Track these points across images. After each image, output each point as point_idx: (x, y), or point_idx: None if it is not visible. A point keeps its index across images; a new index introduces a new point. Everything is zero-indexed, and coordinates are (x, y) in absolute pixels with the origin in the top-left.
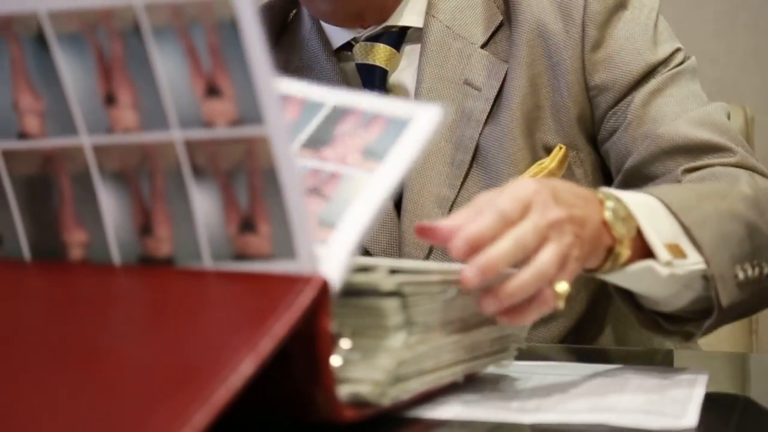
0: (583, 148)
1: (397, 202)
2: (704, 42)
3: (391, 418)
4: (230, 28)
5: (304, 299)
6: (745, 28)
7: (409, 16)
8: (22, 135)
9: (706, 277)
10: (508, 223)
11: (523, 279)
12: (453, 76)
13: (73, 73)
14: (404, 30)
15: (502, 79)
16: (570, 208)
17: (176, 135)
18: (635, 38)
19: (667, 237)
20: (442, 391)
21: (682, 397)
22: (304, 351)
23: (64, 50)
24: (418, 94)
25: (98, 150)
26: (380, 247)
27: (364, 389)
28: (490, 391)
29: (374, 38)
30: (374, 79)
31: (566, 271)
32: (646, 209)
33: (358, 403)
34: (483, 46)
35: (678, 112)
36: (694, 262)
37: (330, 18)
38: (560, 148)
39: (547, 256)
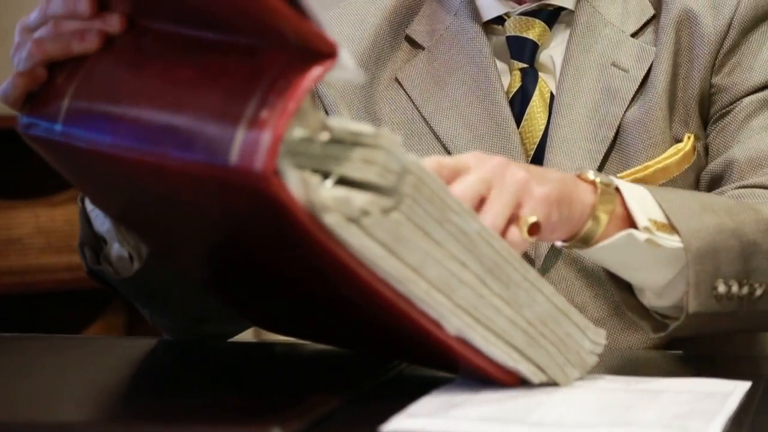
0: (703, 140)
1: None
2: None
3: None
4: None
5: None
6: None
7: None
8: None
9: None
10: None
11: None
12: (601, 59)
13: None
14: (558, 10)
15: (650, 63)
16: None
17: None
18: (766, 50)
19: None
20: (460, 402)
21: (712, 410)
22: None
23: None
24: (565, 73)
25: None
26: None
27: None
28: (509, 403)
29: (528, 14)
30: (524, 52)
31: (529, 204)
32: (636, 193)
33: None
34: (633, 35)
35: None
36: (674, 239)
37: None
38: (689, 137)
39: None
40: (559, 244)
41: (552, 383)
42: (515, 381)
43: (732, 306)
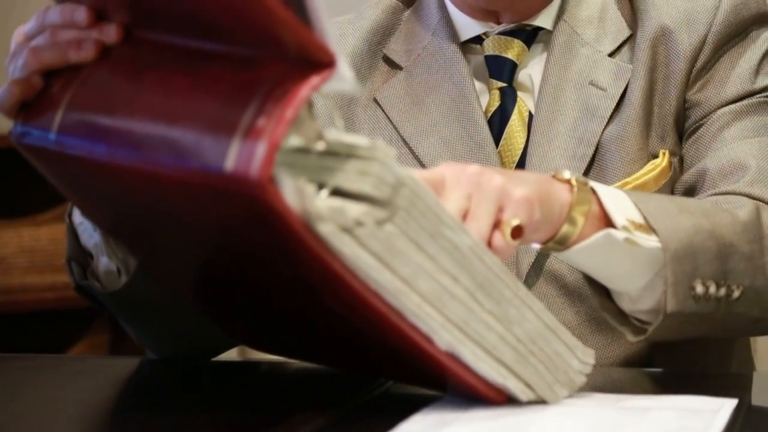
0: (679, 155)
1: None
2: None
3: None
4: None
5: None
6: None
7: (543, 18)
8: None
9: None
10: None
11: None
12: (579, 78)
13: None
14: (536, 30)
15: (627, 81)
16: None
17: None
18: (740, 65)
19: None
20: (451, 420)
21: (700, 428)
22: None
23: None
24: (543, 92)
25: None
26: None
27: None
28: (499, 421)
29: (506, 34)
30: (503, 72)
31: (510, 208)
32: (611, 194)
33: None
34: (610, 55)
35: (746, 136)
36: (651, 239)
37: (470, 10)
38: (664, 153)
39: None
40: (535, 247)
41: (540, 401)
42: (503, 399)
43: (710, 307)
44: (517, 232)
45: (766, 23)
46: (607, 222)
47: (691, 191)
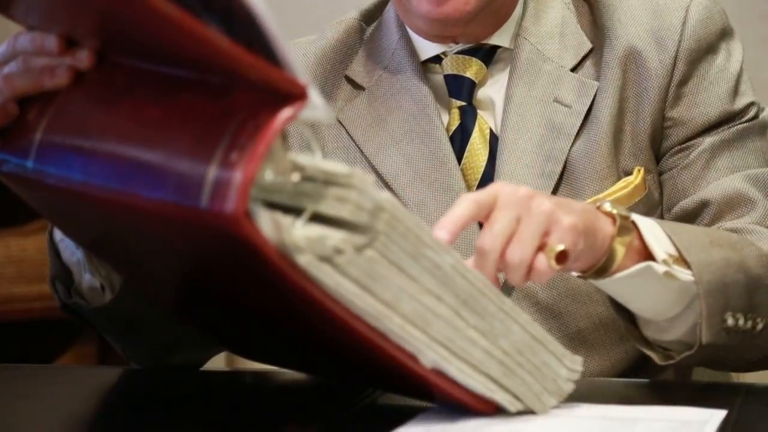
0: (655, 173)
1: None
2: None
3: None
4: None
5: None
6: None
7: (501, 36)
8: None
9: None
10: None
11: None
12: (543, 95)
13: None
14: (494, 49)
15: (592, 97)
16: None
17: None
18: (720, 84)
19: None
20: (438, 431)
21: None
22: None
23: None
24: (507, 110)
25: None
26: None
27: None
28: (487, 431)
29: (464, 53)
30: (462, 91)
31: (556, 233)
32: (650, 226)
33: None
34: (573, 70)
35: (739, 166)
36: (687, 273)
37: (425, 35)
38: (639, 170)
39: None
40: (574, 274)
41: (529, 411)
42: (492, 409)
43: (737, 339)
44: (561, 257)
45: (732, 37)
46: (647, 254)
47: (690, 219)
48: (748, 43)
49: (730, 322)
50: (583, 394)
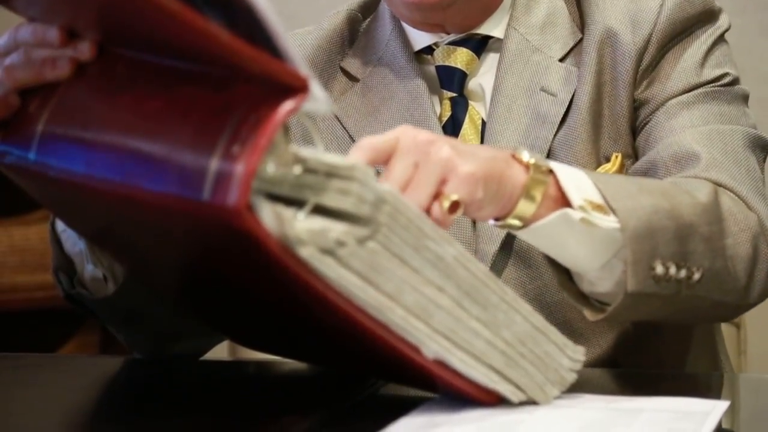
0: (634, 157)
1: None
2: None
3: None
4: None
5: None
6: None
7: (492, 26)
8: None
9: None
10: None
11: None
12: (530, 85)
13: None
14: (486, 39)
15: (575, 84)
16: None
17: None
18: (685, 59)
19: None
20: (441, 421)
21: (691, 430)
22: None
23: None
24: (495, 100)
25: None
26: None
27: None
28: (490, 421)
29: (456, 44)
30: (453, 81)
31: (452, 182)
32: (571, 174)
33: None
34: (561, 60)
35: (694, 124)
36: (609, 219)
37: (414, 24)
38: (617, 156)
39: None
40: (492, 223)
41: (532, 402)
42: (495, 400)
43: (670, 289)
44: (454, 207)
45: (711, 19)
46: (566, 203)
47: None
48: (749, 32)
49: (659, 270)
50: (583, 384)
